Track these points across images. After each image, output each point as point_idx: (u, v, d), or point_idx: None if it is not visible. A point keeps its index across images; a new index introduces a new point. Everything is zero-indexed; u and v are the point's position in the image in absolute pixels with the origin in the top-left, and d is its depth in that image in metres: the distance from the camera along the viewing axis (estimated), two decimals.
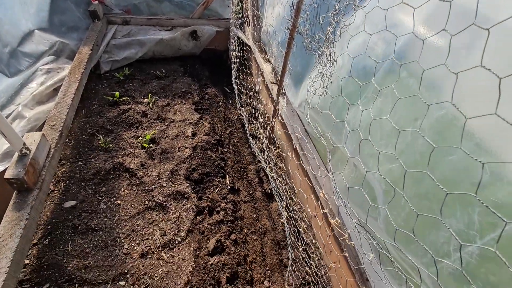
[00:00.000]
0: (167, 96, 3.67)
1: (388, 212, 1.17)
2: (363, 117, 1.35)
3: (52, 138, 2.25)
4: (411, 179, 1.08)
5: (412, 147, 1.10)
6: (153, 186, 2.64)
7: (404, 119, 1.10)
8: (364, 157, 1.33)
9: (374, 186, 1.30)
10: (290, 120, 2.40)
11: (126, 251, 2.20)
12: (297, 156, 2.36)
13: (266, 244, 2.54)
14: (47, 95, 2.76)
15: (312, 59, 2.09)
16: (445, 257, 0.99)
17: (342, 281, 1.89)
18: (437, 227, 1.00)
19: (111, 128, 3.02)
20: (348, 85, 1.46)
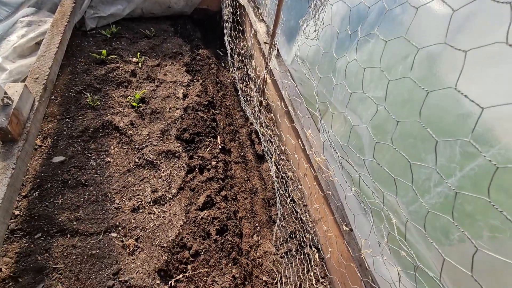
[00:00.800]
0: (157, 57, 3.53)
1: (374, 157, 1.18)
2: (353, 63, 1.31)
3: (36, 91, 2.17)
4: (398, 118, 1.06)
5: (399, 87, 1.08)
6: (143, 144, 2.61)
7: (396, 57, 1.06)
8: (353, 104, 1.31)
9: (362, 133, 1.29)
10: (282, 79, 2.34)
11: (117, 205, 2.23)
12: (289, 117, 2.33)
13: (256, 203, 2.60)
14: (29, 48, 2.63)
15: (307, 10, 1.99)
16: (425, 193, 1.01)
17: (328, 234, 1.97)
18: (419, 165, 1.01)
19: (99, 86, 2.93)
20: (340, 31, 1.40)
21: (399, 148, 1.05)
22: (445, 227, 0.97)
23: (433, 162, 0.96)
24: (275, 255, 2.22)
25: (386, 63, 1.05)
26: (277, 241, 2.26)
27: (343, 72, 1.37)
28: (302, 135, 2.10)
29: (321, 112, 2.03)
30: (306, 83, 2.23)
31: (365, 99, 1.19)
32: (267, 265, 2.18)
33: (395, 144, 1.06)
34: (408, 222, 1.12)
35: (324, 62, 1.55)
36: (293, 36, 2.27)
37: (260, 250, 2.28)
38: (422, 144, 0.97)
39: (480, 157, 0.80)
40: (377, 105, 1.04)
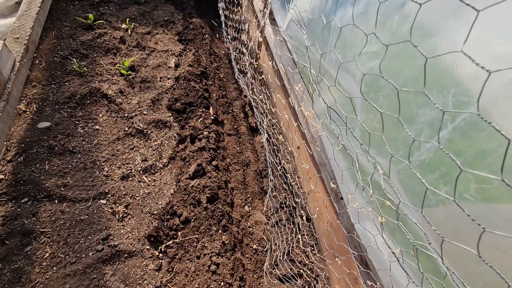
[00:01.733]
0: (148, 24, 3.37)
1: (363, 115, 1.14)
2: (348, 19, 1.24)
3: (17, 51, 2.06)
4: (392, 72, 1.02)
5: (394, 39, 1.03)
6: (133, 113, 2.54)
7: (392, 5, 1.00)
8: (348, 63, 1.25)
9: (354, 93, 1.25)
10: (277, 48, 2.25)
11: (106, 173, 2.19)
12: (281, 86, 2.27)
13: (249, 175, 2.58)
14: (8, 8, 2.47)
15: None
16: (415, 150, 0.99)
17: (319, 203, 1.97)
18: (410, 120, 0.98)
19: (86, 52, 2.80)
20: None
21: (391, 104, 1.01)
22: (434, 184, 0.95)
23: (425, 116, 0.93)
24: (265, 225, 2.23)
25: (382, 13, 0.98)
26: (268, 211, 2.27)
27: (337, 30, 1.31)
28: (296, 106, 2.05)
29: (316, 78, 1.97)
30: (301, 51, 2.15)
31: (358, 56, 1.14)
32: (258, 234, 2.20)
33: (387, 100, 1.03)
34: (393, 180, 1.11)
35: (319, 21, 1.47)
36: (288, 1, 2.16)
37: (251, 220, 2.29)
38: (414, 97, 0.94)
39: (473, 106, 0.76)
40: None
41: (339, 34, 1.24)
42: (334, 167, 1.75)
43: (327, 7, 1.39)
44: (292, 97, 2.08)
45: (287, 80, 2.14)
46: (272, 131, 2.29)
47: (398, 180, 1.08)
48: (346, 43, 1.20)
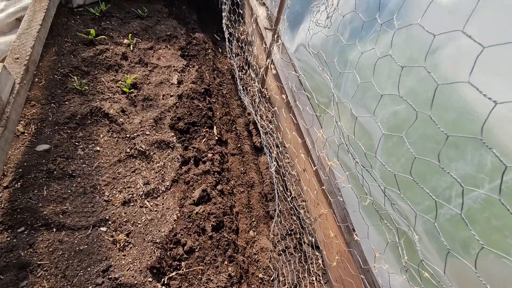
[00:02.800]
0: (150, 39, 3.32)
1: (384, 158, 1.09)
2: (368, 56, 1.20)
3: (16, 73, 1.99)
4: (417, 121, 0.97)
5: (422, 86, 0.98)
6: (135, 133, 2.47)
7: (418, 52, 0.96)
8: (366, 100, 1.20)
9: (373, 132, 1.20)
10: (284, 69, 2.20)
11: (107, 198, 2.11)
12: (289, 108, 2.22)
13: (253, 197, 2.51)
14: (8, 24, 2.40)
15: None
16: (446, 202, 0.93)
17: (327, 232, 1.91)
18: (440, 171, 0.92)
19: (87, 69, 2.73)
20: (354, 20, 1.27)
21: (418, 152, 0.96)
22: (464, 241, 0.90)
23: (458, 170, 0.88)
24: (271, 252, 2.16)
25: (409, 57, 0.94)
26: (274, 238, 2.19)
27: (356, 65, 1.26)
28: (303, 128, 2.00)
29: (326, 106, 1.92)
30: (310, 74, 2.10)
31: (380, 96, 1.09)
32: (264, 262, 2.13)
33: (413, 147, 0.97)
34: (420, 230, 1.05)
35: (334, 52, 1.43)
36: (298, 22, 2.12)
37: (257, 246, 2.22)
38: (446, 149, 0.89)
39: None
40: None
41: (358, 70, 1.19)
42: (345, 195, 1.69)
43: (343, 38, 1.34)
44: (300, 120, 2.02)
45: (294, 102, 2.09)
46: (282, 161, 2.23)
47: (424, 229, 1.02)
48: (365, 79, 1.15)
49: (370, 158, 1.22)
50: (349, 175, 1.41)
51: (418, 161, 0.95)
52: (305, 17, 2.06)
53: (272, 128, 2.28)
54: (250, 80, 3.23)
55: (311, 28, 1.32)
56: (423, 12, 0.87)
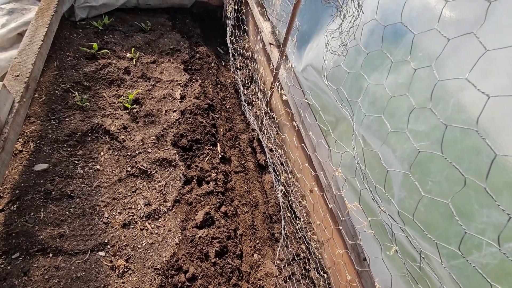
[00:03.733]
0: (153, 53, 3.29)
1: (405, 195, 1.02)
2: (387, 86, 1.14)
3: (16, 91, 1.93)
4: (444, 161, 0.91)
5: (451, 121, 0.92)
6: (136, 151, 2.40)
7: (444, 89, 0.90)
8: (383, 132, 1.15)
9: (391, 165, 1.13)
10: (290, 87, 2.16)
11: (106, 220, 2.03)
12: (295, 128, 2.16)
13: (257, 217, 2.44)
14: (9, 40, 2.36)
15: (325, 14, 1.80)
16: (474, 250, 0.86)
17: (336, 258, 1.83)
18: (470, 217, 0.86)
19: (89, 84, 2.68)
20: (370, 46, 1.22)
21: (442, 192, 0.90)
22: None
23: (490, 218, 0.81)
24: (277, 278, 2.07)
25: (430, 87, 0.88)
26: (280, 263, 2.11)
27: (372, 94, 1.21)
28: (309, 149, 1.93)
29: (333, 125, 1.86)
30: (317, 93, 2.06)
31: (399, 129, 1.03)
32: None
33: (437, 186, 0.91)
34: (445, 274, 0.98)
35: (347, 78, 1.38)
36: (305, 41, 2.09)
37: (261, 271, 2.13)
38: (476, 194, 0.82)
39: None
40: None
41: (373, 99, 1.14)
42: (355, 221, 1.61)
43: (356, 64, 1.29)
44: (307, 142, 1.96)
45: (301, 122, 2.03)
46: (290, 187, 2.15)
47: (449, 276, 0.94)
48: (382, 109, 1.10)
49: (387, 191, 1.16)
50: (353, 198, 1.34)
51: (440, 202, 0.89)
52: (312, 37, 2.03)
53: (280, 153, 2.21)
54: (253, 96, 3.19)
55: (326, 58, 1.26)
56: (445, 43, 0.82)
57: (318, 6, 1.89)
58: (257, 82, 2.89)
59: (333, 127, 1.94)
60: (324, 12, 1.90)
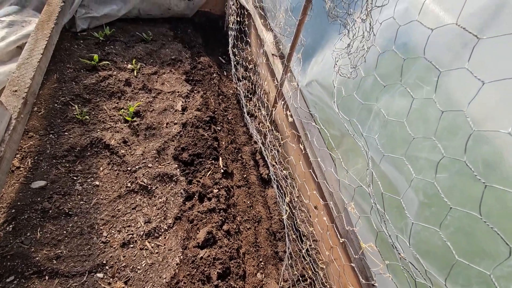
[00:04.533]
0: (154, 63, 3.26)
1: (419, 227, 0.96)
2: (396, 108, 1.09)
3: (13, 107, 1.88)
4: (469, 195, 0.85)
5: (470, 155, 0.86)
6: (137, 166, 2.35)
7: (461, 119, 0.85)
8: (397, 157, 1.09)
9: (405, 193, 1.07)
10: (293, 100, 2.10)
11: (105, 239, 1.97)
12: (302, 151, 2.09)
13: (260, 234, 2.36)
14: (8, 53, 2.32)
15: (330, 30, 1.76)
16: None
17: (343, 279, 1.75)
18: (494, 257, 0.80)
19: (89, 97, 2.64)
20: (381, 65, 1.17)
21: (462, 228, 0.83)
22: None
23: None
24: None
25: (451, 119, 0.83)
26: (284, 284, 2.03)
27: (383, 116, 1.15)
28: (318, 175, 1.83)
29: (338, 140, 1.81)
30: (322, 108, 2.00)
31: (414, 157, 0.97)
32: None
33: (457, 221, 0.85)
34: None
35: (355, 95, 1.32)
36: (309, 55, 2.04)
37: None
38: (502, 234, 0.76)
39: None
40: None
41: (385, 127, 1.08)
42: (370, 261, 1.54)
43: (365, 86, 1.24)
44: (315, 167, 1.87)
45: (309, 146, 1.95)
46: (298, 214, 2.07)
47: None
48: (394, 135, 1.04)
49: (401, 220, 1.09)
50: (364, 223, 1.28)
51: (464, 235, 0.83)
52: (317, 51, 1.98)
53: (286, 174, 2.14)
54: (256, 107, 3.14)
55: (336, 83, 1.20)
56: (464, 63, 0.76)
57: (323, 20, 1.85)
58: (260, 97, 2.84)
59: (338, 142, 1.88)
60: (329, 26, 1.86)
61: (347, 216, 1.32)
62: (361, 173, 1.57)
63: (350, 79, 1.29)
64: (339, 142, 1.88)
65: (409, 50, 1.06)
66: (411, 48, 1.04)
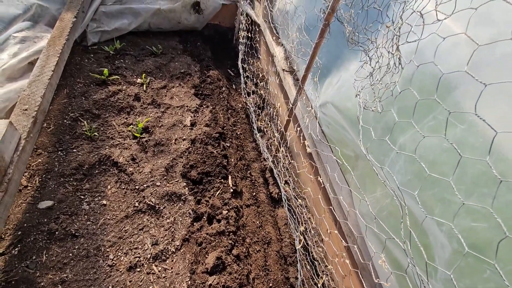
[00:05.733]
0: (164, 77, 3.24)
1: None
2: (426, 144, 1.02)
3: (23, 126, 1.86)
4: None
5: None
6: (145, 185, 2.30)
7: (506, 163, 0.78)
8: (424, 197, 1.01)
9: (436, 239, 0.99)
10: (312, 131, 2.01)
11: (111, 262, 1.91)
12: (321, 185, 1.98)
13: (270, 256, 2.28)
14: (20, 69, 2.32)
15: (346, 51, 1.71)
16: None
17: None
18: None
19: (98, 112, 2.62)
20: (407, 96, 1.11)
21: None
22: None
23: None
24: None
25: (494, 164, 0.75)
26: None
27: (409, 150, 1.08)
28: (339, 214, 1.72)
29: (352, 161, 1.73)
30: (335, 129, 1.94)
31: (447, 201, 0.90)
32: None
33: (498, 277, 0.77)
34: None
35: (375, 124, 1.26)
36: (323, 75, 1.99)
37: None
38: None
39: None
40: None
41: (411, 164, 1.01)
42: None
43: (389, 115, 1.17)
44: (335, 205, 1.77)
45: (328, 181, 1.85)
46: (312, 242, 1.99)
47: None
48: (422, 174, 0.97)
49: (429, 267, 1.01)
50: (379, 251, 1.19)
51: None
52: (331, 71, 1.93)
53: (301, 203, 2.06)
54: (265, 124, 3.09)
55: (361, 118, 1.13)
56: None
57: (338, 41, 1.80)
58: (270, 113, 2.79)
59: (352, 163, 1.81)
60: (344, 47, 1.81)
61: (373, 264, 1.23)
62: (381, 202, 1.49)
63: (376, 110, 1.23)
64: (354, 164, 1.81)
65: (435, 80, 1.00)
66: (443, 79, 0.98)
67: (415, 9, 0.91)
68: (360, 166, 1.74)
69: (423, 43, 1.01)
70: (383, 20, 1.08)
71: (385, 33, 1.05)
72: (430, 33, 0.84)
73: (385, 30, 1.05)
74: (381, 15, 1.08)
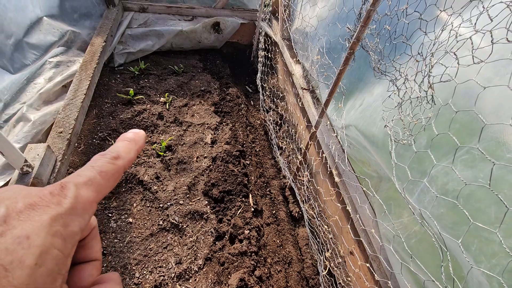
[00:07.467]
0: (185, 95, 3.35)
1: None
2: (459, 179, 1.01)
3: (58, 149, 1.98)
4: None
5: None
6: (168, 203, 2.36)
7: None
8: (458, 229, 1.00)
9: (473, 276, 0.97)
10: (341, 162, 1.98)
11: (137, 280, 1.96)
12: (349, 216, 1.94)
13: (291, 277, 2.27)
14: (55, 93, 2.47)
15: (369, 73, 1.72)
16: None
17: None
18: None
19: (124, 131, 2.72)
20: (439, 127, 1.11)
21: None
22: None
23: None
24: None
25: None
26: None
27: (440, 184, 1.07)
28: (369, 249, 1.70)
29: (375, 184, 1.72)
30: (358, 149, 1.94)
31: (483, 231, 0.89)
32: None
33: None
34: None
35: (404, 153, 1.26)
36: (346, 97, 2.00)
37: None
38: None
39: None
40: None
41: (443, 189, 1.00)
42: None
43: (420, 142, 1.17)
44: (364, 240, 1.73)
45: (356, 214, 1.82)
46: (336, 270, 1.97)
47: None
48: (455, 208, 0.96)
49: None
50: None
51: None
52: (354, 93, 1.95)
53: (328, 231, 2.05)
54: (283, 139, 3.12)
55: (393, 156, 1.14)
56: None
57: (360, 64, 1.82)
58: (289, 131, 2.82)
59: (375, 184, 1.79)
60: (367, 70, 1.83)
61: None
62: (408, 228, 1.47)
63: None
64: (377, 186, 1.80)
65: (473, 118, 1.00)
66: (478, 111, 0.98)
67: (447, 47, 0.92)
68: (384, 188, 1.73)
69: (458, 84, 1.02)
70: (411, 53, 1.09)
71: (413, 67, 1.07)
72: (467, 79, 0.85)
73: (414, 64, 1.07)
74: (410, 49, 1.09)
